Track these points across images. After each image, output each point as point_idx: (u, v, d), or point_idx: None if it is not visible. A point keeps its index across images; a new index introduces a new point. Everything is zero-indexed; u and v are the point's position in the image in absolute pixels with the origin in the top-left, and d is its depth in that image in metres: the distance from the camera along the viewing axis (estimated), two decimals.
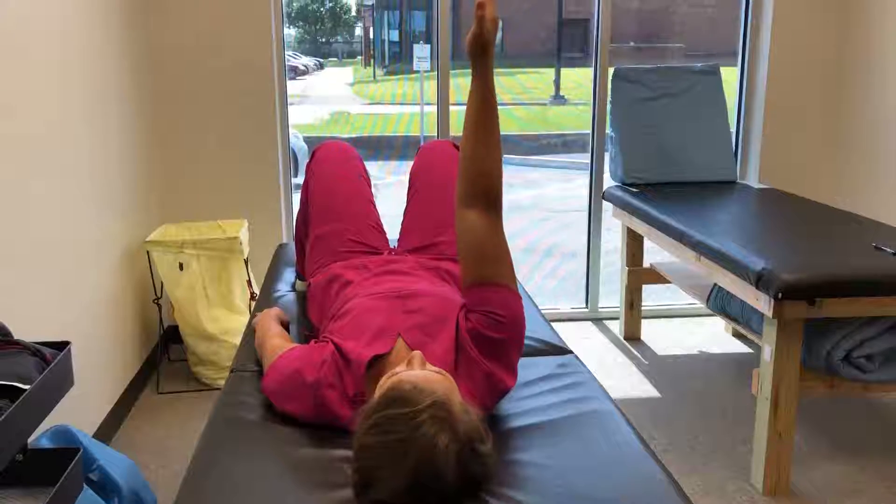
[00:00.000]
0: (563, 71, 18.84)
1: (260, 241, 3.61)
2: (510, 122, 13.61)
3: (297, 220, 2.29)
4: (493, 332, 1.47)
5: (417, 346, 1.50)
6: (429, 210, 2.05)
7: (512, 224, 6.96)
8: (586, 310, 4.01)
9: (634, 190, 3.38)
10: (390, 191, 8.45)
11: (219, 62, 3.42)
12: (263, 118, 3.49)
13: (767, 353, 2.31)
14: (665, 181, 3.49)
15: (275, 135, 3.52)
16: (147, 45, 3.36)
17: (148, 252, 3.15)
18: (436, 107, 3.72)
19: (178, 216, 3.54)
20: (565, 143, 12.10)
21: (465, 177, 1.52)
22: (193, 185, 3.52)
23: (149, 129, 3.37)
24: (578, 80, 18.37)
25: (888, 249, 2.37)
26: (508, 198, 8.15)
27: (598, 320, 3.98)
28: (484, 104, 1.50)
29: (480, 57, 1.49)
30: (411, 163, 2.21)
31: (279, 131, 3.54)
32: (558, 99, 16.67)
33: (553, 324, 2.54)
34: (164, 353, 3.46)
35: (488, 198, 1.51)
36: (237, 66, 3.43)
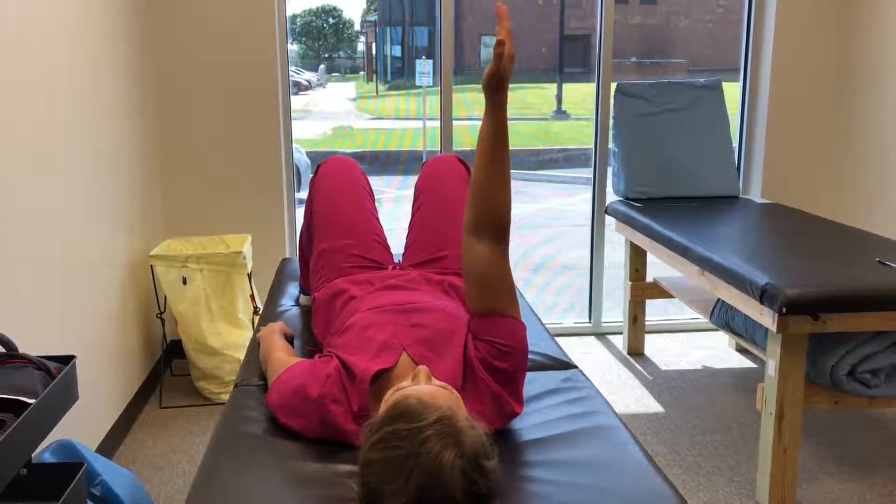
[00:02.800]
0: (565, 86, 18.91)
1: (263, 255, 3.62)
2: (512, 136, 13.65)
3: (300, 235, 2.29)
4: (500, 362, 1.50)
5: (422, 362, 1.50)
6: (434, 225, 2.06)
7: (514, 238, 6.97)
8: (589, 324, 4.01)
9: (637, 204, 3.39)
10: (393, 205, 8.46)
11: (223, 77, 3.44)
12: (267, 133, 3.50)
13: (772, 368, 2.31)
14: (668, 196, 3.49)
15: (278, 150, 3.53)
16: (151, 60, 3.38)
17: (151, 266, 3.16)
18: (439, 122, 3.73)
19: (182, 231, 3.55)
20: (567, 158, 12.13)
21: (476, 208, 1.54)
22: (197, 200, 3.53)
23: (152, 144, 3.38)
24: (581, 95, 18.45)
25: (892, 264, 2.37)
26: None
27: (601, 335, 3.97)
28: (497, 138, 1.52)
29: (497, 92, 1.51)
30: (414, 177, 2.22)
31: (283, 146, 3.56)
32: (560, 114, 16.74)
33: (556, 338, 2.54)
34: (166, 368, 3.46)
35: (497, 230, 1.54)
36: (241, 81, 3.45)
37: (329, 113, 17.40)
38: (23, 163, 2.06)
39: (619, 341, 3.87)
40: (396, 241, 5.68)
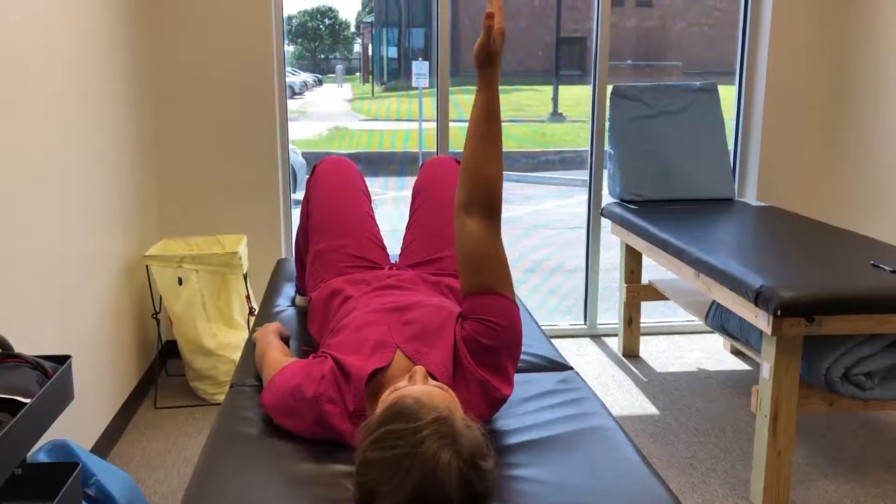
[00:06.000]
0: (561, 88, 18.92)
1: (259, 256, 3.61)
2: (508, 139, 13.65)
3: (296, 236, 2.29)
4: (488, 339, 1.48)
5: (416, 358, 1.50)
6: (431, 226, 2.06)
7: (509, 240, 6.97)
8: (585, 326, 4.01)
9: (633, 207, 3.39)
10: (389, 207, 8.46)
11: (219, 77, 3.43)
12: (263, 134, 3.50)
13: (766, 370, 2.31)
14: (663, 198, 3.50)
15: (274, 150, 3.53)
16: (147, 61, 3.37)
17: (147, 267, 3.15)
18: (435, 123, 3.73)
19: (178, 231, 3.54)
20: (563, 161, 12.14)
21: (466, 184, 1.54)
22: (193, 201, 3.52)
23: (148, 144, 3.38)
24: (577, 97, 18.46)
25: (886, 267, 2.38)
26: (506, 214, 8.17)
27: (596, 337, 3.98)
28: (488, 113, 1.52)
29: (487, 67, 1.51)
30: (410, 179, 2.23)
31: (279, 147, 3.56)
32: (556, 116, 16.74)
33: (552, 340, 2.52)
34: (162, 368, 3.45)
35: (487, 206, 1.53)
36: (237, 82, 3.44)
37: (325, 114, 17.38)
38: (18, 162, 2.05)
39: (615, 343, 3.87)
40: (393, 243, 5.68)
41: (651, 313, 4.32)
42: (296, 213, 4.01)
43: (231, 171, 3.52)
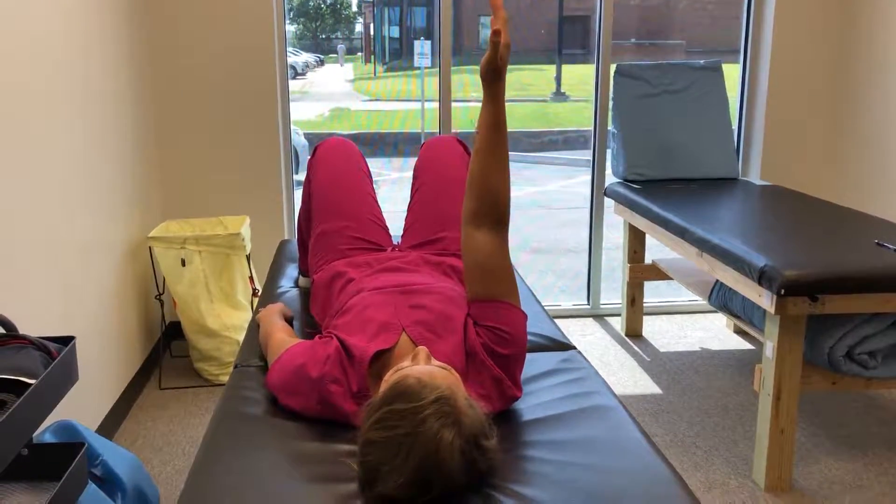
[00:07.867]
0: (564, 67, 18.82)
1: (262, 237, 3.61)
2: (511, 119, 13.60)
3: (299, 217, 2.29)
4: (502, 348, 1.51)
5: (422, 343, 1.51)
6: (433, 206, 2.05)
7: (512, 221, 6.96)
8: (588, 306, 4.01)
9: (636, 186, 3.38)
10: (391, 187, 8.45)
11: (220, 58, 3.42)
12: (265, 115, 3.49)
13: (769, 349, 2.32)
14: (667, 178, 3.49)
15: (276, 131, 3.52)
16: (148, 42, 3.36)
17: (150, 248, 3.16)
18: (437, 103, 3.72)
19: (181, 212, 3.54)
20: (566, 140, 12.10)
21: (474, 197, 1.55)
22: (195, 182, 3.52)
23: (150, 126, 3.37)
24: (580, 76, 18.37)
25: (890, 246, 2.37)
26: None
27: (599, 317, 3.98)
28: (495, 127, 1.53)
29: (494, 81, 1.51)
30: (412, 159, 2.21)
31: (281, 128, 3.55)
32: (559, 96, 16.66)
33: (555, 320, 2.53)
34: (165, 349, 3.46)
35: (495, 218, 1.55)
36: (239, 62, 3.43)
37: (326, 94, 17.32)
38: (21, 145, 2.05)
39: (618, 323, 3.88)
40: (395, 224, 5.67)
41: (654, 293, 4.32)
42: (298, 194, 4.00)
43: (233, 152, 3.51)
